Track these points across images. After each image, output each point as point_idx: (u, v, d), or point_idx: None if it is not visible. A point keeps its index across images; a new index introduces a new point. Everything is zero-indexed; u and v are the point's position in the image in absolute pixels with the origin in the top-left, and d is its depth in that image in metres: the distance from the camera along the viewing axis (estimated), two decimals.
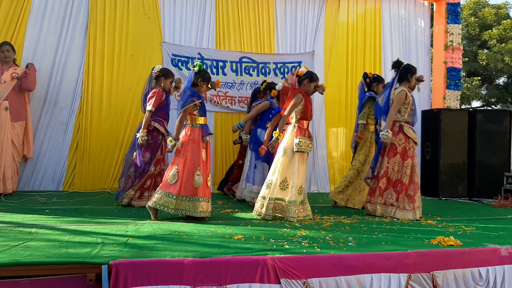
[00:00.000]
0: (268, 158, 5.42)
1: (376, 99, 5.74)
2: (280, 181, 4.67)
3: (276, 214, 4.68)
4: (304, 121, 4.82)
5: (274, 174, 4.73)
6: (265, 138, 5.24)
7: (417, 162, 5.16)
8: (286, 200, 4.61)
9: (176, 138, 4.41)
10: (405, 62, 5.31)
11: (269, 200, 4.65)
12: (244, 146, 6.28)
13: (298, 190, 4.64)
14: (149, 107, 5.27)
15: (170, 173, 4.41)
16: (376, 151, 5.48)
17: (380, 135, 5.11)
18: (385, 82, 5.87)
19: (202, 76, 4.53)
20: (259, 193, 5.61)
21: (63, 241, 3.30)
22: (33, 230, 3.67)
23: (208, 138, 4.52)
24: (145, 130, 5.26)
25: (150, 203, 4.38)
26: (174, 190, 4.32)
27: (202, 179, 4.39)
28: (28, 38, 6.68)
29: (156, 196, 4.39)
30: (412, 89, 5.25)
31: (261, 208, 4.66)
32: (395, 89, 5.22)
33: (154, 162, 5.39)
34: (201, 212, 4.34)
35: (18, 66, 6.27)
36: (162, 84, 5.41)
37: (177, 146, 4.39)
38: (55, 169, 6.75)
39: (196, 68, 4.52)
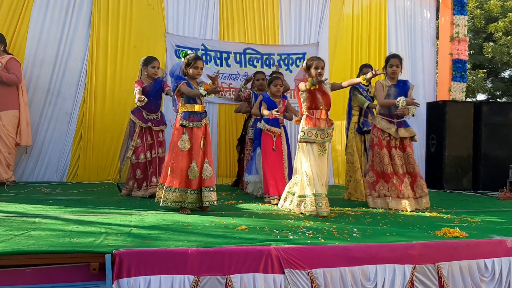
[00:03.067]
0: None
1: (359, 88, 5.80)
2: (295, 176, 4.67)
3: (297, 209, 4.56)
4: (315, 111, 4.62)
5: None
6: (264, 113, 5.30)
7: (396, 153, 5.04)
8: (297, 194, 4.55)
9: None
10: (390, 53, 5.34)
11: (287, 193, 4.71)
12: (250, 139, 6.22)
13: (309, 182, 4.45)
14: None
15: None
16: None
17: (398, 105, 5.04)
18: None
19: (185, 63, 4.45)
20: (254, 182, 5.62)
21: (66, 230, 3.29)
22: (36, 219, 3.66)
23: (190, 125, 4.36)
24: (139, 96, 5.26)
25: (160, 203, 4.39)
26: (165, 182, 4.37)
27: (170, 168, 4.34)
28: (31, 28, 6.69)
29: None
30: (391, 75, 5.14)
31: (289, 204, 4.66)
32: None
33: (134, 151, 5.42)
34: (164, 202, 4.30)
35: (10, 54, 6.20)
36: (146, 73, 5.50)
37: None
38: (59, 160, 6.77)
39: (182, 58, 4.48)
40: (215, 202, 4.42)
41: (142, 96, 5.21)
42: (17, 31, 6.61)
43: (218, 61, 7.35)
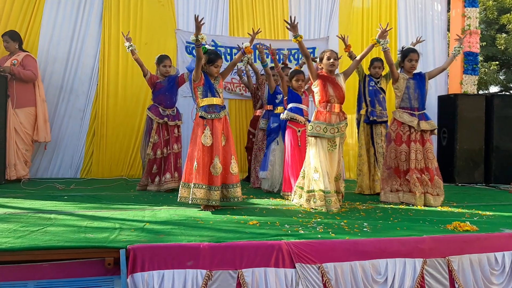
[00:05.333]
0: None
1: (367, 79, 5.85)
2: (303, 169, 4.69)
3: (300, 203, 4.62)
4: (327, 104, 4.56)
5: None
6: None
7: (415, 147, 4.98)
8: (305, 189, 4.57)
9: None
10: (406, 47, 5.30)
11: (296, 187, 4.72)
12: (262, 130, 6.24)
13: (318, 178, 4.45)
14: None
15: None
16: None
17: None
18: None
19: (205, 59, 4.38)
20: (265, 178, 5.62)
21: (81, 226, 3.35)
22: (52, 216, 3.74)
23: (209, 116, 4.31)
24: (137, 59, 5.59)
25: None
26: (190, 180, 4.29)
27: (197, 164, 4.22)
28: (44, 26, 6.78)
29: None
30: (410, 69, 5.15)
31: (299, 199, 4.68)
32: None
33: (152, 147, 5.55)
34: (192, 199, 4.17)
35: (25, 51, 6.30)
36: (158, 71, 5.70)
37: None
38: (73, 156, 6.87)
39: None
40: (241, 198, 4.42)
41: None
42: (30, 29, 6.70)
43: (228, 57, 7.37)
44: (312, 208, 4.42)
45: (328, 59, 4.56)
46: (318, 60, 4.72)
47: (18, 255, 2.67)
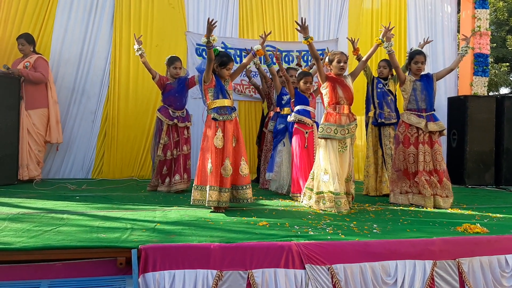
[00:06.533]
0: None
1: (375, 81, 5.86)
2: (312, 171, 4.70)
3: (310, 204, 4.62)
4: (337, 105, 4.57)
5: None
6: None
7: (423, 149, 4.96)
8: (315, 191, 4.59)
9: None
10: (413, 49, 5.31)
11: (305, 189, 4.72)
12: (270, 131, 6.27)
13: (328, 180, 4.45)
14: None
15: None
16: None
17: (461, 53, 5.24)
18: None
19: (217, 61, 4.39)
20: (272, 180, 5.62)
21: (93, 226, 3.39)
22: (64, 216, 3.78)
23: (221, 118, 4.32)
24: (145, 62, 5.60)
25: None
26: (202, 183, 4.30)
27: (211, 166, 4.22)
28: (56, 28, 6.86)
29: None
30: (416, 71, 5.15)
31: (309, 200, 4.68)
32: None
33: (162, 148, 5.59)
34: (209, 202, 4.19)
35: (38, 54, 6.38)
36: (169, 73, 5.75)
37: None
38: (84, 157, 6.94)
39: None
40: (251, 200, 4.42)
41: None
42: (43, 31, 6.78)
43: (238, 59, 7.40)
44: (322, 210, 4.43)
45: (339, 62, 4.59)
46: (327, 60, 4.72)
47: (31, 254, 2.71)
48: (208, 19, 4.23)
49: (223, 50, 4.59)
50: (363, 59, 4.93)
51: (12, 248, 2.70)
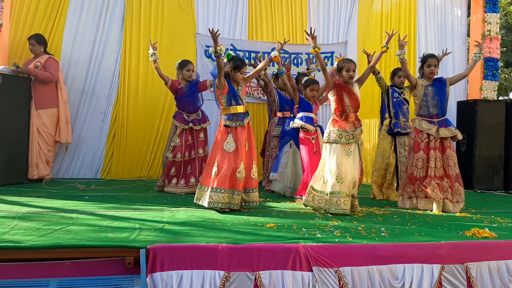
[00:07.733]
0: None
1: (390, 90, 5.85)
2: (317, 173, 4.71)
3: (314, 205, 4.63)
4: (343, 113, 4.62)
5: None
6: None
7: (434, 155, 4.94)
8: (319, 191, 4.61)
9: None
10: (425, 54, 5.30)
11: (309, 189, 4.71)
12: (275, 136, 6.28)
13: (330, 181, 4.49)
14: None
15: None
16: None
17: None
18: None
19: (232, 65, 4.44)
20: (275, 180, 5.62)
21: (102, 226, 3.42)
22: (73, 215, 3.81)
23: (233, 125, 4.42)
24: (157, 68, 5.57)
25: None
26: (207, 184, 4.42)
27: (216, 170, 4.34)
28: (67, 29, 6.91)
29: None
30: (429, 74, 5.12)
31: (312, 200, 4.68)
32: None
33: (172, 150, 5.60)
34: (210, 203, 4.29)
35: (49, 54, 6.43)
36: (180, 76, 5.73)
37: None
38: (93, 158, 6.98)
39: (225, 59, 4.46)
40: (258, 202, 4.51)
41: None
42: (53, 32, 6.84)
43: (246, 61, 7.40)
44: (325, 210, 4.45)
45: (348, 71, 4.61)
46: (336, 66, 4.73)
47: (41, 253, 2.74)
48: (211, 29, 4.29)
49: (236, 55, 4.64)
50: (369, 65, 4.96)
51: (21, 247, 2.73)
